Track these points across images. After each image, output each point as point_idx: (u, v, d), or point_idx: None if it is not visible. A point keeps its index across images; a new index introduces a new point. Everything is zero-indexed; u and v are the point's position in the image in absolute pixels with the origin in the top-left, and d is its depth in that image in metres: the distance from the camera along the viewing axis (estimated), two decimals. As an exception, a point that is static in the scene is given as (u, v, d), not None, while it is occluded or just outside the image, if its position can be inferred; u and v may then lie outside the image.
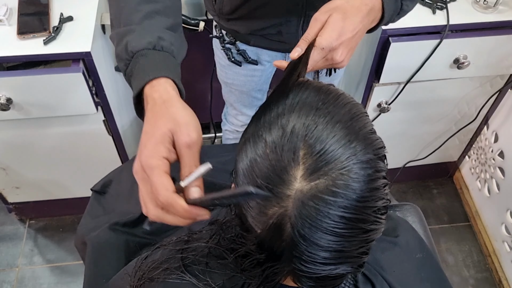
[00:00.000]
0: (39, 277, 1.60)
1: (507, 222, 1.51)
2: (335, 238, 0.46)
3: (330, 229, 0.45)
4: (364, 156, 0.46)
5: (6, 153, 1.37)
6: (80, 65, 1.12)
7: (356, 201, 0.45)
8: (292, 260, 0.48)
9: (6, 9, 1.14)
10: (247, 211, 0.50)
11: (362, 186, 0.45)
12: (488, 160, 1.59)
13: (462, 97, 1.44)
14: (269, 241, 0.48)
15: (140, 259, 0.67)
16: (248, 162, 0.49)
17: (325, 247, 0.46)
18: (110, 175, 0.98)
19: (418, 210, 0.96)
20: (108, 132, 1.34)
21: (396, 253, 0.73)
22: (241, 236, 0.54)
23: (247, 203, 0.49)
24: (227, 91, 1.29)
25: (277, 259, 0.50)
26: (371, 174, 0.46)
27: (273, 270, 0.51)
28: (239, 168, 0.51)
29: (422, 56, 1.23)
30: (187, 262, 0.61)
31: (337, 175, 0.45)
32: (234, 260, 0.57)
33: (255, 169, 0.48)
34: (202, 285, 0.58)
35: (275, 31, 0.99)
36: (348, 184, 0.45)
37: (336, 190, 0.44)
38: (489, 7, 1.20)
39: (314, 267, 0.48)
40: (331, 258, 0.47)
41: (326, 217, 0.44)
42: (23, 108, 1.17)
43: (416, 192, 1.84)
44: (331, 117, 0.47)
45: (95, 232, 0.86)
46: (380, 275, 0.67)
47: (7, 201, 1.60)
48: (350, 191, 0.45)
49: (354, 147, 0.46)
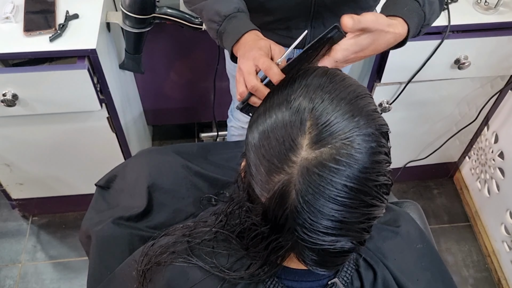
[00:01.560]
0: (41, 273, 1.61)
1: (507, 222, 1.52)
2: (337, 207, 0.48)
3: (333, 197, 0.47)
4: (367, 129, 0.49)
5: (10, 149, 1.39)
6: (85, 62, 1.13)
7: (358, 171, 0.48)
8: (295, 229, 0.50)
9: (13, 7, 1.16)
10: (255, 179, 0.53)
11: (364, 158, 0.48)
12: (488, 161, 1.60)
13: (462, 97, 1.45)
14: (273, 209, 0.50)
15: (147, 245, 0.69)
16: (258, 134, 0.53)
17: (327, 215, 0.48)
18: (115, 170, 0.99)
19: (418, 207, 0.97)
20: (112, 129, 1.35)
21: (397, 242, 0.74)
22: (247, 210, 0.57)
23: (257, 169, 0.52)
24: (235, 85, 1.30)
25: (280, 230, 0.52)
26: (373, 147, 0.49)
27: (277, 244, 0.53)
28: (250, 141, 0.54)
29: (423, 56, 1.24)
30: (193, 245, 0.63)
31: (340, 145, 0.48)
32: (238, 239, 0.59)
33: (265, 140, 0.51)
34: (209, 267, 0.60)
35: (283, 26, 1.00)
36: (350, 153, 0.47)
37: (339, 158, 0.47)
38: (490, 8, 1.22)
39: (316, 236, 0.49)
40: (332, 228, 0.49)
41: (329, 184, 0.47)
42: (28, 104, 1.18)
43: (416, 192, 1.85)
44: (336, 94, 0.51)
45: (100, 226, 0.87)
46: (381, 262, 0.69)
47: (11, 197, 1.61)
48: (352, 161, 0.47)
49: (357, 121, 0.49)
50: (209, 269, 0.60)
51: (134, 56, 1.37)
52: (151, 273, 0.64)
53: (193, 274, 0.61)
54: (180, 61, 1.62)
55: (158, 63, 1.61)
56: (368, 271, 0.67)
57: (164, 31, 1.48)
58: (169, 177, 0.93)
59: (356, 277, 0.65)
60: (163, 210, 0.90)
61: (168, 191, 0.92)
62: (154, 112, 1.81)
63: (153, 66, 1.62)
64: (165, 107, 1.79)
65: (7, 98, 1.14)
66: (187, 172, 0.94)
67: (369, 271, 0.67)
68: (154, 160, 0.96)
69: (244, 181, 0.58)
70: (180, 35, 1.52)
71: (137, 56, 1.38)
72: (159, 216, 0.90)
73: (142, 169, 0.94)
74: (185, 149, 1.00)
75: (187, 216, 0.90)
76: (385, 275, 0.68)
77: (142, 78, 1.64)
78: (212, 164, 0.98)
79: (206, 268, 0.60)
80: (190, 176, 0.94)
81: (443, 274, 0.76)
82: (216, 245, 0.62)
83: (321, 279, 0.61)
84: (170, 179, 0.93)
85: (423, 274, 0.74)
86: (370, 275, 0.67)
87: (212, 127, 1.91)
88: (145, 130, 1.81)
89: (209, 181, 0.95)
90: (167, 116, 1.84)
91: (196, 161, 0.97)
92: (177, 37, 1.53)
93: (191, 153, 0.99)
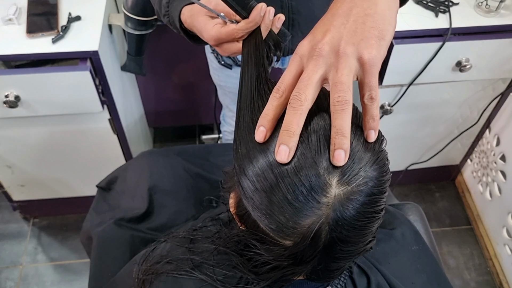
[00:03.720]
0: (42, 275, 1.61)
1: (509, 225, 1.52)
2: (363, 232, 0.48)
3: (363, 225, 0.47)
4: (375, 149, 0.48)
5: (12, 151, 1.39)
6: (88, 63, 1.13)
7: (379, 193, 0.47)
8: (326, 261, 0.49)
9: (16, 9, 1.16)
10: (270, 227, 0.47)
11: (380, 179, 0.47)
12: (490, 164, 1.59)
13: (464, 100, 1.45)
14: (302, 250, 0.47)
15: (147, 251, 0.68)
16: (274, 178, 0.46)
17: (355, 242, 0.48)
18: (116, 172, 0.99)
19: (419, 209, 0.97)
20: (113, 131, 1.35)
21: (391, 245, 0.74)
22: (256, 248, 0.51)
23: (270, 217, 0.46)
24: (222, 93, 1.30)
25: (304, 263, 0.49)
26: (382, 166, 0.48)
27: (293, 271, 0.51)
28: (254, 183, 0.47)
29: (424, 58, 1.25)
30: (195, 259, 0.62)
31: (365, 174, 0.46)
32: (242, 260, 0.56)
33: (282, 185, 0.45)
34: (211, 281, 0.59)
35: None
36: (372, 179, 0.47)
37: (364, 188, 0.46)
38: (491, 11, 1.22)
39: (342, 262, 0.50)
40: (353, 251, 0.49)
41: (361, 215, 0.46)
42: (30, 105, 1.19)
43: (418, 195, 1.85)
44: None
45: (101, 227, 0.87)
46: (374, 267, 0.69)
47: (12, 199, 1.61)
48: (373, 186, 0.47)
49: (371, 149, 0.48)
50: (211, 282, 0.58)
51: (136, 58, 1.38)
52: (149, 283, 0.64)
53: (187, 286, 0.60)
54: (181, 63, 1.62)
55: (160, 65, 1.61)
56: (362, 277, 0.67)
57: (165, 33, 1.48)
58: (170, 179, 0.93)
59: (350, 283, 0.65)
60: (164, 211, 0.90)
61: (169, 193, 0.92)
62: (155, 114, 1.81)
63: (155, 68, 1.62)
64: (166, 109, 1.79)
65: (10, 100, 1.14)
66: (188, 174, 0.94)
67: (362, 277, 0.67)
68: (155, 161, 0.96)
69: (245, 222, 0.51)
70: (182, 37, 1.52)
71: (139, 58, 1.38)
72: (160, 217, 0.90)
73: (143, 170, 0.94)
74: (186, 150, 1.00)
75: (188, 218, 0.90)
76: (379, 281, 0.67)
77: (144, 80, 1.65)
78: (213, 166, 0.98)
79: (208, 281, 0.58)
80: (191, 178, 0.94)
81: (439, 276, 0.76)
82: (216, 258, 0.61)
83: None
84: (171, 180, 0.93)
85: (418, 276, 0.73)
86: (363, 281, 0.67)
87: (213, 129, 1.91)
88: (146, 132, 1.82)
89: (210, 183, 0.95)
90: (168, 118, 1.84)
91: (197, 163, 0.97)
92: (178, 39, 1.53)
93: (192, 155, 0.99)
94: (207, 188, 0.94)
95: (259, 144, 0.48)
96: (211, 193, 0.93)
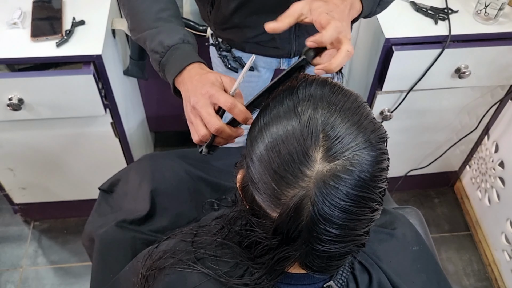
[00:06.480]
0: (42, 278, 1.61)
1: (507, 231, 1.53)
2: (349, 216, 0.49)
3: (347, 207, 0.49)
4: (374, 139, 0.51)
5: (14, 154, 1.40)
6: (91, 67, 1.14)
7: (370, 180, 0.49)
8: (310, 240, 0.50)
9: (20, 13, 1.18)
10: (262, 194, 0.52)
11: (374, 166, 0.50)
12: (489, 170, 1.60)
13: (463, 106, 1.46)
14: (287, 223, 0.50)
15: (151, 249, 0.69)
16: (265, 148, 0.51)
17: (341, 224, 0.49)
18: (118, 175, 1.00)
19: (418, 213, 0.97)
20: (115, 134, 1.36)
21: (392, 245, 0.75)
22: (252, 224, 0.56)
23: (266, 184, 0.51)
24: None
25: (291, 242, 0.52)
26: (379, 155, 0.51)
27: (284, 255, 0.53)
28: (255, 155, 0.52)
29: (424, 65, 1.26)
30: (198, 252, 0.63)
31: (352, 155, 0.49)
32: (242, 250, 0.59)
33: (274, 154, 0.50)
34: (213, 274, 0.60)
35: (268, 38, 1.01)
36: (361, 164, 0.49)
37: (352, 169, 0.48)
38: (490, 18, 1.23)
39: (329, 245, 0.51)
40: (343, 236, 0.50)
41: (345, 195, 0.48)
42: (33, 108, 1.20)
43: (417, 201, 1.85)
44: (341, 105, 0.52)
45: (103, 229, 0.88)
46: (376, 264, 0.70)
47: (13, 202, 1.62)
48: (363, 171, 0.49)
49: (364, 131, 0.50)
50: (214, 276, 0.60)
51: (139, 63, 1.39)
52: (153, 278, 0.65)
53: (191, 279, 0.61)
54: (183, 68, 1.63)
55: (162, 70, 1.62)
56: (364, 274, 0.68)
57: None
58: (172, 182, 0.94)
59: (352, 279, 0.66)
60: (166, 214, 0.91)
61: (170, 196, 0.93)
62: (157, 118, 1.82)
63: (157, 73, 1.63)
64: (168, 113, 1.80)
65: (13, 103, 1.15)
66: (189, 177, 0.95)
67: (364, 274, 0.68)
68: (157, 164, 0.97)
69: (245, 195, 0.57)
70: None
71: (141, 63, 1.40)
72: (162, 220, 0.90)
73: (145, 173, 0.95)
74: (188, 154, 1.01)
75: (189, 221, 0.91)
76: (380, 278, 0.68)
77: (146, 84, 1.66)
78: (214, 169, 0.99)
79: (210, 274, 0.60)
80: (193, 181, 0.95)
81: (439, 276, 0.77)
82: (219, 252, 0.62)
83: (316, 282, 0.62)
84: (173, 183, 0.94)
85: (418, 276, 0.74)
86: (365, 278, 0.68)
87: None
88: (147, 137, 1.82)
89: (212, 186, 0.96)
90: (169, 122, 1.85)
91: (198, 166, 0.98)
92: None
93: (194, 158, 1.00)
94: (208, 191, 0.95)
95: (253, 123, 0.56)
96: (212, 196, 0.94)
